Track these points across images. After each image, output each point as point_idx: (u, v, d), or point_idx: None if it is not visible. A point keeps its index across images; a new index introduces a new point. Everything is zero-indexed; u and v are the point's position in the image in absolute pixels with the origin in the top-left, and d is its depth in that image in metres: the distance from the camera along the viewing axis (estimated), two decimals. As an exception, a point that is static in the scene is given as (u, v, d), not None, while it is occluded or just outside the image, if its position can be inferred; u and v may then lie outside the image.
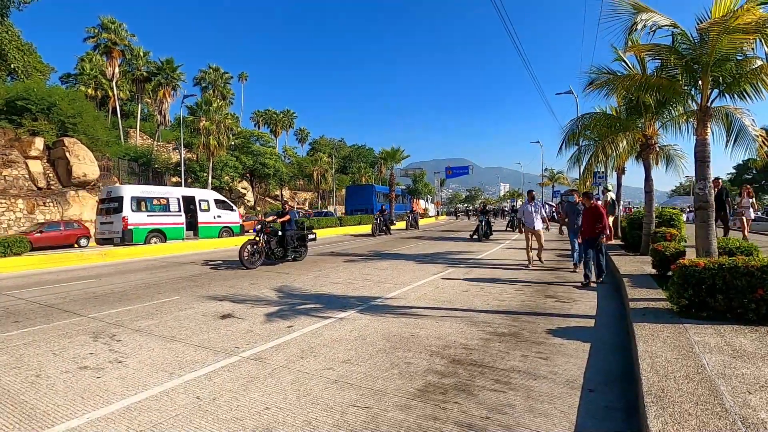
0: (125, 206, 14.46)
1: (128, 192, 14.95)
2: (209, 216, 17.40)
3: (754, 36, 4.34)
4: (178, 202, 16.32)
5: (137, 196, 15.08)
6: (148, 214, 15.17)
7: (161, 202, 15.79)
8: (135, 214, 14.69)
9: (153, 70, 36.73)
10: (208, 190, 20.88)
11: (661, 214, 10.73)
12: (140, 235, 14.65)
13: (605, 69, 9.38)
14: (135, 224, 14.63)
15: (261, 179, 44.46)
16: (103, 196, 15.52)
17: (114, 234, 14.46)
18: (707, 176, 4.86)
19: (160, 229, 15.45)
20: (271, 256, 10.05)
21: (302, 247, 10.96)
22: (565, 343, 4.18)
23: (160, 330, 4.86)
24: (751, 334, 3.58)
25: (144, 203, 15.18)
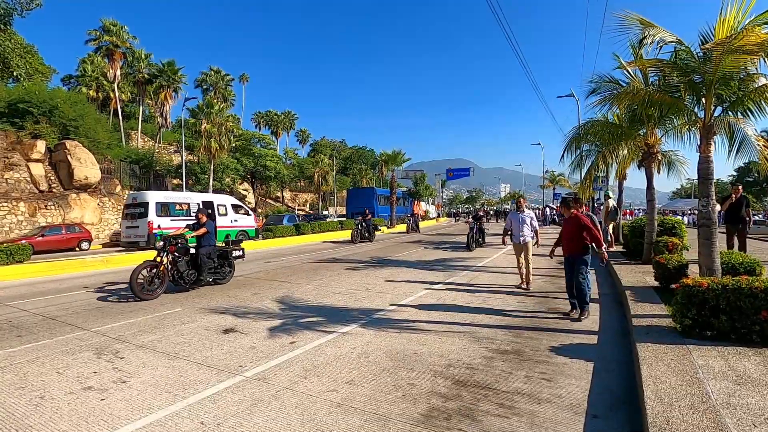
0: (150, 211, 15.28)
1: (153, 198, 15.79)
2: (227, 220, 18.10)
3: (757, 56, 4.35)
4: (199, 206, 16.79)
5: (161, 201, 15.96)
6: (171, 219, 15.94)
7: (183, 207, 16.65)
8: (159, 219, 15.49)
9: (154, 72, 36.78)
10: (226, 196, 21.74)
11: (663, 222, 10.73)
12: None
13: (607, 77, 9.37)
14: (159, 228, 15.30)
15: (262, 181, 44.52)
16: (129, 202, 16.36)
17: (140, 237, 15.28)
18: (710, 194, 4.85)
19: None
20: (179, 281, 7.99)
21: (226, 266, 8.93)
22: (568, 363, 4.18)
23: (164, 346, 4.86)
24: (755, 357, 3.57)
25: (167, 208, 16.00)
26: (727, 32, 4.33)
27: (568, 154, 11.27)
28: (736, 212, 9.37)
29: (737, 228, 9.50)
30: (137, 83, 37.44)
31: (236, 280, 9.45)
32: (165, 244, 7.85)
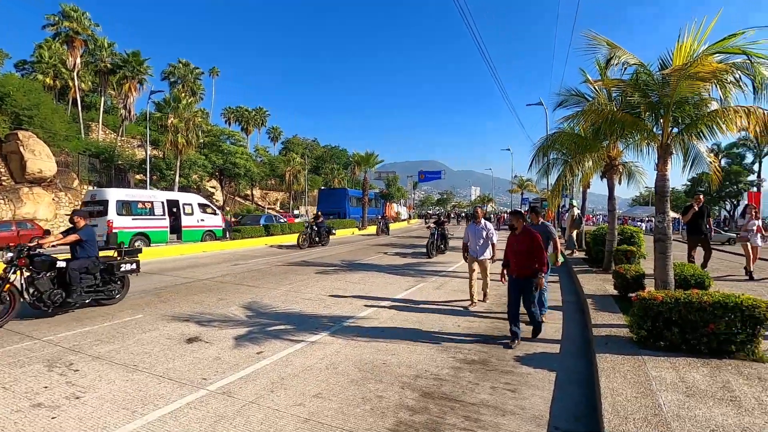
0: (110, 209, 14.40)
1: (113, 195, 14.91)
2: (193, 220, 17.58)
3: (710, 82, 4.64)
4: (163, 205, 16.37)
5: (122, 199, 15.12)
6: (132, 218, 15.22)
7: (146, 205, 15.86)
8: (120, 218, 14.71)
9: (118, 62, 35.25)
10: (193, 194, 20.98)
11: (623, 231, 11.24)
12: (125, 239, 14.57)
13: (574, 91, 9.71)
14: (120, 227, 14.61)
15: (231, 178, 43.46)
16: (87, 199, 15.48)
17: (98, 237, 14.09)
18: (666, 210, 5.13)
19: (144, 232, 15.51)
20: (38, 304, 6.10)
21: (112, 283, 7.16)
22: (532, 373, 4.30)
23: (122, 357, 4.66)
24: (703, 368, 3.79)
25: (129, 207, 15.23)
26: (684, 59, 4.59)
27: (536, 163, 11.61)
28: (698, 223, 9.28)
29: (700, 239, 9.40)
30: (99, 73, 35.78)
31: (202, 284, 9.18)
32: (13, 257, 6.05)
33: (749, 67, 4.62)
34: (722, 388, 3.37)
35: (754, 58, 4.30)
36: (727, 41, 4.41)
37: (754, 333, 4.00)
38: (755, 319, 3.96)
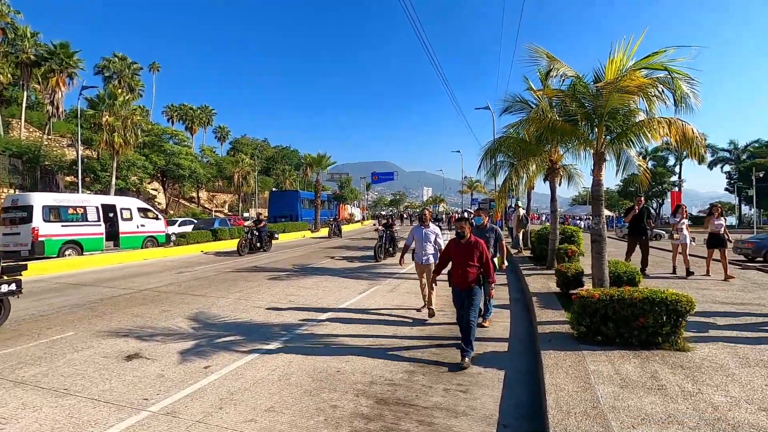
0: (35, 216, 13.17)
1: (39, 200, 13.61)
2: (132, 225, 16.45)
3: (637, 95, 5.06)
4: (97, 210, 15.18)
5: (50, 204, 13.83)
6: (62, 225, 13.98)
7: (77, 211, 14.58)
8: (47, 225, 13.47)
9: (43, 53, 32.32)
10: (132, 198, 19.63)
11: (564, 230, 11.92)
12: (53, 247, 13.54)
13: (518, 97, 10.17)
14: (47, 235, 13.42)
15: (175, 180, 41.23)
16: (7, 205, 14.03)
17: (21, 246, 13.10)
18: (601, 213, 5.52)
19: (76, 240, 14.34)
20: None
21: None
22: (483, 372, 4.45)
23: (50, 380, 4.26)
24: (635, 359, 4.11)
25: (57, 212, 13.94)
26: (615, 73, 4.98)
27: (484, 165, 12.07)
28: (638, 223, 9.45)
29: (640, 239, 9.60)
30: (21, 65, 32.57)
31: (143, 295, 8.63)
32: None
33: (671, 82, 5.08)
34: (651, 377, 3.67)
35: (674, 74, 4.75)
36: (651, 58, 4.84)
37: (677, 325, 4.40)
38: (678, 313, 4.35)
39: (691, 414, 3.01)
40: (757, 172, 40.83)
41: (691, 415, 3.00)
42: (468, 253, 4.79)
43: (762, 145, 54.86)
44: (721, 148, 56.10)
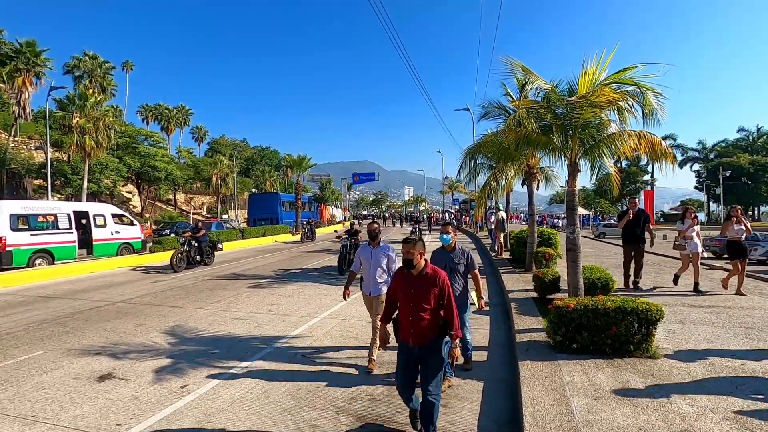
0: (2, 225, 12.69)
1: (6, 208, 13.07)
2: (106, 232, 15.95)
3: (608, 109, 5.22)
4: (69, 218, 14.60)
5: (18, 212, 13.32)
6: (31, 233, 13.46)
7: (48, 218, 14.05)
8: (15, 234, 12.97)
9: (8, 52, 31.02)
10: (105, 204, 19.21)
11: (542, 233, 12.17)
12: (22, 257, 13.06)
13: (496, 103, 10.31)
14: (15, 245, 12.92)
15: (150, 183, 40.18)
16: None
17: None
18: (575, 222, 5.67)
19: (46, 249, 13.79)
20: None
21: None
22: (462, 384, 4.50)
23: (17, 406, 4.09)
24: (608, 368, 4.23)
25: (26, 220, 13.47)
26: (588, 86, 5.11)
27: (464, 168, 12.22)
28: (634, 229, 8.25)
29: (636, 248, 8.28)
30: (-16, 63, 31.18)
31: (117, 307, 8.38)
32: None
33: (640, 96, 5.25)
34: (623, 387, 3.78)
35: (643, 89, 4.91)
36: (622, 73, 4.99)
37: (648, 333, 4.54)
38: (648, 321, 4.50)
39: (660, 426, 3.12)
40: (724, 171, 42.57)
41: (660, 426, 3.11)
42: (421, 292, 3.14)
43: (728, 145, 57.23)
44: (690, 148, 58.28)
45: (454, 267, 4.52)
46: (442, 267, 3.96)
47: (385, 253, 5.01)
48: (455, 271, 4.51)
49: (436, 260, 4.41)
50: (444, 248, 4.67)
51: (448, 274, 3.70)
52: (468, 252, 4.64)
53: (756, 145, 55.98)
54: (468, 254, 4.62)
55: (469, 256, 4.63)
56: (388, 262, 4.99)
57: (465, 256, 4.61)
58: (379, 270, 4.98)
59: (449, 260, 4.55)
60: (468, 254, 4.62)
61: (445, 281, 3.23)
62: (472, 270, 4.62)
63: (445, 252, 4.66)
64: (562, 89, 6.85)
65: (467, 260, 4.60)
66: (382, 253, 5.02)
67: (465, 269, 4.59)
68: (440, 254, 4.66)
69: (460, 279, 4.54)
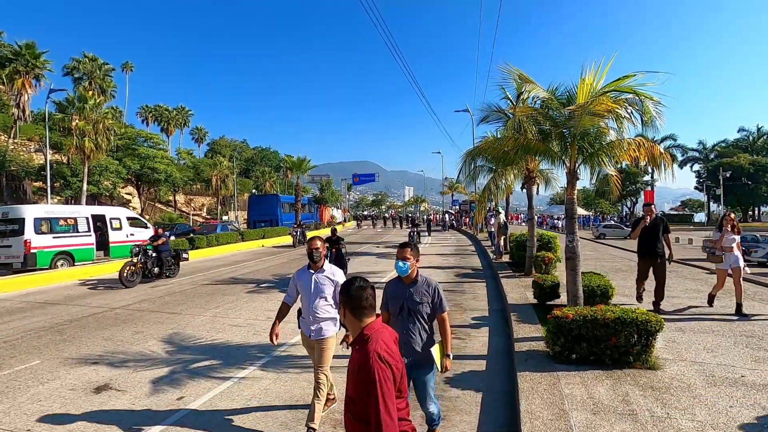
0: (27, 228, 13.33)
1: (31, 213, 13.80)
2: (121, 235, 16.68)
3: (607, 117, 5.19)
4: (87, 221, 15.37)
5: (41, 216, 14.01)
6: (53, 236, 14.16)
7: (68, 222, 14.79)
8: (39, 237, 13.65)
9: (8, 54, 31.00)
10: (120, 208, 20.03)
11: (542, 237, 12.13)
12: (45, 259, 13.73)
13: (495, 107, 10.30)
14: (39, 247, 13.61)
15: (150, 184, 40.19)
16: None
17: (13, 258, 13.33)
18: (575, 231, 5.64)
19: (67, 251, 14.50)
20: None
21: None
22: (461, 396, 4.47)
23: (12, 420, 4.07)
24: (607, 380, 4.20)
25: (49, 224, 14.18)
26: (586, 94, 5.08)
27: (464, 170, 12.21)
28: (651, 240, 7.00)
29: (653, 262, 7.01)
30: (-17, 66, 31.18)
31: (115, 314, 8.36)
32: None
33: (639, 103, 5.23)
34: (622, 401, 3.74)
35: (643, 97, 4.88)
36: (621, 81, 4.96)
37: (648, 344, 4.51)
38: (648, 332, 4.46)
39: (659, 442, 3.09)
40: (724, 171, 42.53)
41: (660, 443, 3.08)
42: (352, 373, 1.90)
43: (728, 145, 57.20)
44: (690, 148, 58.24)
45: (413, 307, 3.13)
46: (396, 307, 3.14)
47: (332, 279, 3.82)
48: (415, 313, 3.13)
49: (389, 296, 3.24)
50: (400, 280, 3.23)
51: (404, 319, 3.07)
52: (436, 286, 3.21)
53: (756, 145, 55.94)
54: (436, 289, 3.19)
55: (437, 291, 3.19)
56: (335, 289, 3.77)
57: (431, 291, 3.18)
58: (322, 301, 3.76)
59: (407, 297, 3.15)
60: (436, 289, 3.19)
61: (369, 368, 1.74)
62: (440, 313, 3.18)
63: (401, 285, 3.21)
64: (561, 94, 6.84)
65: (434, 298, 3.17)
66: (328, 279, 3.81)
67: (431, 310, 3.16)
68: (395, 288, 3.24)
69: (424, 324, 3.15)
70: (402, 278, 3.23)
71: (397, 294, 3.22)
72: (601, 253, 17.92)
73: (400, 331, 2.95)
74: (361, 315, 1.94)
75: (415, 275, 3.20)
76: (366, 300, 1.96)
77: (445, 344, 3.23)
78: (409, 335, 3.10)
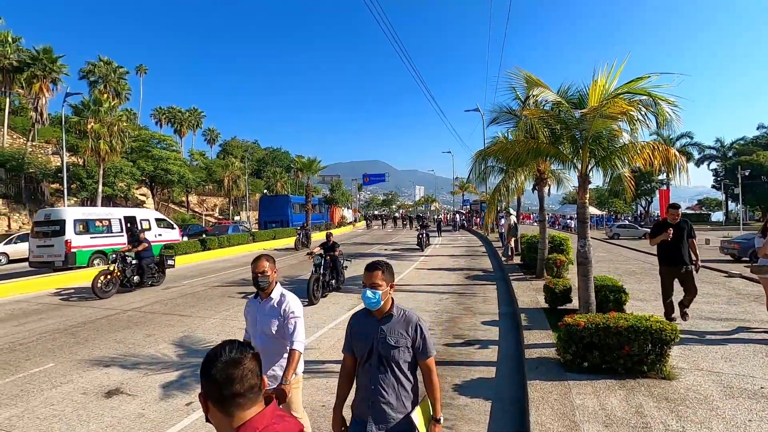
0: (68, 229, 14.29)
1: (71, 214, 14.86)
2: (151, 235, 17.28)
3: (620, 120, 5.07)
4: (120, 222, 16.48)
5: (80, 218, 15.09)
6: (91, 236, 15.21)
7: (104, 223, 15.94)
8: (78, 237, 14.65)
9: (26, 59, 31.69)
10: (149, 210, 21.34)
11: (553, 239, 11.97)
12: (83, 258, 14.72)
13: (506, 108, 10.18)
14: (78, 246, 14.60)
15: (164, 185, 40.77)
16: (39, 219, 15.23)
17: (55, 257, 14.27)
18: (587, 235, 5.52)
19: (103, 250, 15.40)
20: None
21: None
22: (469, 404, 4.41)
23: (26, 424, 4.13)
24: (620, 391, 4.09)
25: (86, 225, 15.23)
26: (598, 96, 4.98)
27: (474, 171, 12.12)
28: (676, 246, 5.93)
29: (679, 272, 6.03)
30: (3, 70, 31.98)
31: (127, 316, 8.48)
32: None
33: (653, 105, 5.09)
34: (636, 413, 3.65)
35: (657, 99, 4.76)
36: (634, 83, 4.84)
37: (662, 353, 4.39)
38: (663, 341, 4.34)
39: (674, 458, 2.99)
40: (743, 170, 41.50)
41: (675, 459, 2.98)
42: None
43: (747, 143, 55.77)
44: (707, 146, 56.90)
45: (386, 352, 2.22)
46: (364, 351, 2.26)
47: (289, 309, 2.92)
48: (389, 361, 2.22)
49: (353, 335, 2.36)
50: (368, 314, 2.34)
51: (373, 368, 2.21)
52: (418, 322, 2.29)
53: (776, 142, 54.43)
54: (418, 327, 2.27)
55: (419, 330, 2.27)
56: (287, 320, 2.90)
57: (412, 330, 2.27)
58: (269, 340, 2.91)
59: (378, 338, 2.25)
60: (418, 327, 2.27)
61: None
62: (424, 359, 2.27)
63: (370, 320, 2.33)
64: (572, 94, 6.72)
65: (416, 339, 2.26)
66: (277, 313, 2.94)
67: (411, 357, 2.26)
68: (362, 324, 2.36)
69: (401, 377, 2.23)
70: (370, 312, 2.31)
71: (364, 333, 2.30)
72: (615, 255, 17.62)
73: (366, 385, 2.21)
74: (231, 407, 1.17)
75: (389, 307, 2.30)
76: (240, 383, 1.17)
77: (433, 403, 2.29)
78: (378, 391, 2.17)
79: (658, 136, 32.51)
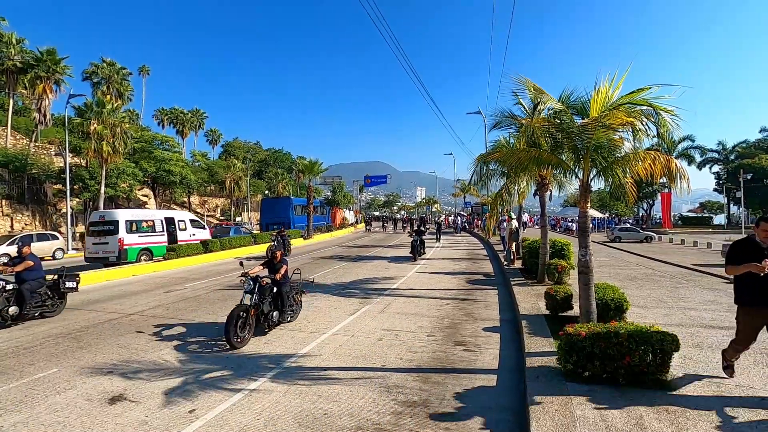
0: (121, 229, 16.26)
1: (123, 216, 16.90)
2: (186, 234, 19.65)
3: (621, 130, 5.10)
4: (162, 222, 18.49)
5: (130, 219, 17.10)
6: (139, 235, 17.18)
7: (149, 223, 17.89)
8: (129, 236, 16.62)
9: (29, 60, 31.80)
10: (185, 212, 23.69)
11: (554, 244, 11.98)
12: (133, 254, 16.61)
13: (508, 113, 10.20)
14: (129, 244, 16.54)
15: (166, 186, 40.85)
16: (95, 220, 17.13)
17: (109, 253, 16.20)
18: (588, 245, 5.54)
19: (148, 247, 17.42)
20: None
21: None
22: (470, 413, 4.42)
23: (30, 431, 4.17)
24: (621, 401, 4.11)
25: (135, 225, 17.21)
26: (600, 106, 5.00)
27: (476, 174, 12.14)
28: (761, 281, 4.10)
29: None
30: (6, 72, 32.10)
31: (130, 320, 8.51)
32: None
33: (654, 114, 5.12)
34: (636, 425, 3.67)
35: (659, 110, 4.78)
36: (636, 94, 4.87)
37: (663, 363, 4.42)
38: (664, 351, 4.37)
39: (674, 472, 3.01)
40: (745, 173, 41.41)
41: (675, 473, 3.00)
42: None
43: (749, 146, 55.63)
44: (709, 149, 56.74)
45: None
46: None
47: None
48: None
49: None
50: None
51: None
52: None
53: (779, 146, 54.28)
54: None
55: None
56: None
57: None
58: None
59: None
60: None
61: None
62: None
63: None
64: (574, 101, 6.74)
65: None
66: None
67: None
68: None
69: None
70: None
71: None
72: (617, 259, 17.60)
73: None
74: None
75: None
76: None
77: None
78: None
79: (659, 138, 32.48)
